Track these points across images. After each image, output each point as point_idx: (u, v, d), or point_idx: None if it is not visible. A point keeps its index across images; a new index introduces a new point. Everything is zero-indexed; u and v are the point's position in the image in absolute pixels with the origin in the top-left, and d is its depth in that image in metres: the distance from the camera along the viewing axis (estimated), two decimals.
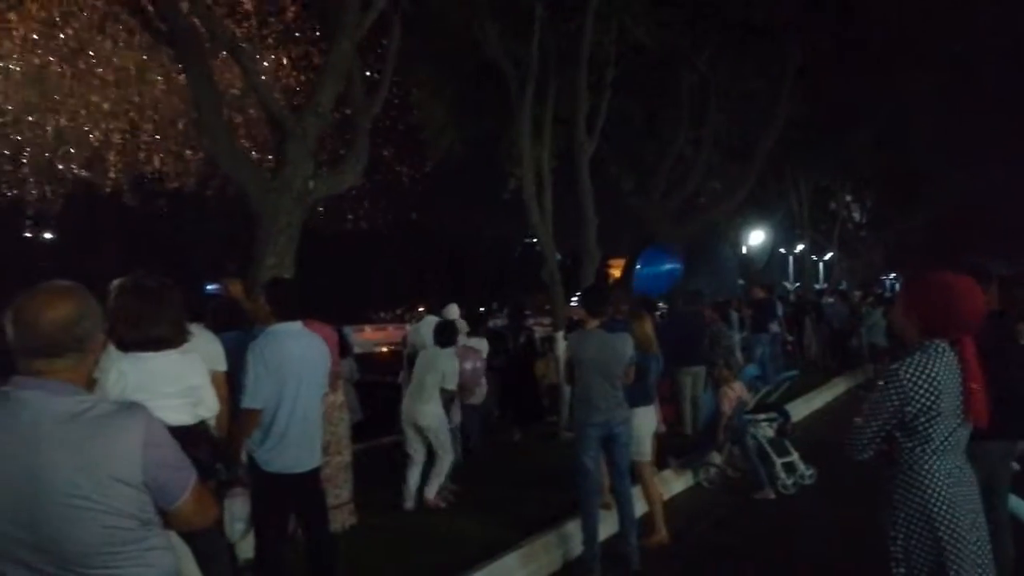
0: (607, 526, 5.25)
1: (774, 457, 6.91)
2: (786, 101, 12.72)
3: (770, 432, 7.08)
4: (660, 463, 6.61)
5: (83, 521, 1.66)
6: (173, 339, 2.69)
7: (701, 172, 13.13)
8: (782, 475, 6.83)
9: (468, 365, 6.62)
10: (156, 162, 10.35)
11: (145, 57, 9.14)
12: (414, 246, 40.53)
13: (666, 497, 6.36)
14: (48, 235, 28.18)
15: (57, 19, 8.61)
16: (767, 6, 11.13)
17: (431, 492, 6.11)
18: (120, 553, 1.71)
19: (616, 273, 16.50)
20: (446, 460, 6.18)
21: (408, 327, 10.56)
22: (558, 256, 10.23)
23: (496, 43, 9.26)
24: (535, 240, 10.54)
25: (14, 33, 8.46)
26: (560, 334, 9.09)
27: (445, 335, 6.41)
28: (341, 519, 5.38)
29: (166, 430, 1.84)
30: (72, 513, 1.65)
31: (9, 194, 10.54)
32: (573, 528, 5.27)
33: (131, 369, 2.60)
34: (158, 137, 10.06)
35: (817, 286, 26.94)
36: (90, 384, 1.84)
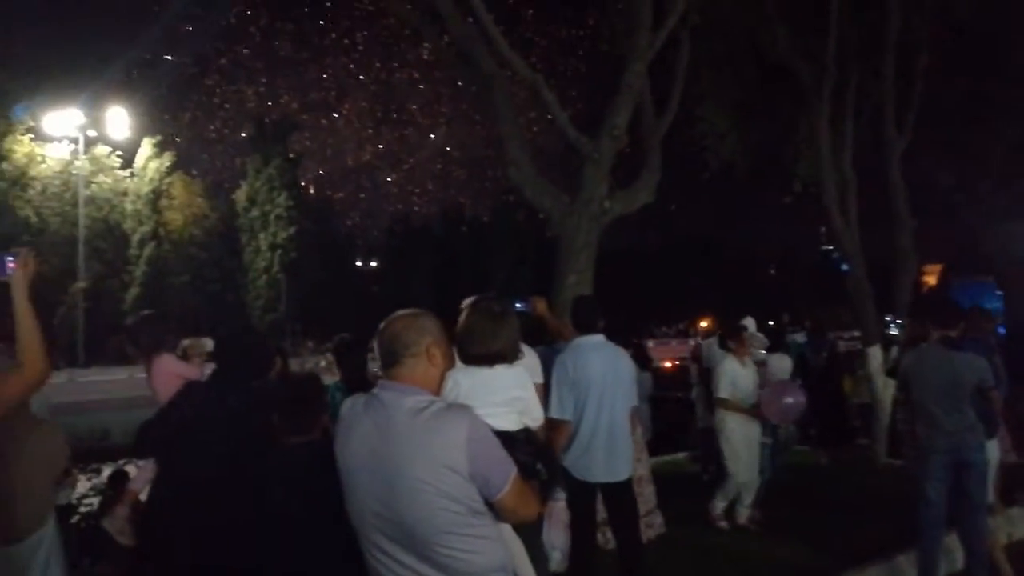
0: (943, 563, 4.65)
1: None
2: None
3: None
4: (1008, 498, 5.71)
5: (421, 502, 1.94)
6: (508, 355, 2.99)
7: None
8: None
9: (790, 399, 6.28)
10: (460, 198, 11.60)
11: (450, 113, 10.32)
12: (696, 259, 39.83)
13: (1015, 538, 5.52)
14: (373, 263, 32.89)
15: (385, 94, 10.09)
16: None
17: (714, 509, 5.99)
18: (452, 535, 1.96)
19: (930, 281, 14.62)
20: (729, 478, 5.94)
21: (693, 342, 10.40)
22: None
23: (787, 43, 8.77)
24: (831, 248, 9.74)
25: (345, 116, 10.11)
26: (873, 349, 8.28)
27: (722, 339, 6.41)
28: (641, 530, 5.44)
29: (489, 429, 2.08)
30: (415, 496, 1.94)
31: (346, 233, 12.58)
32: (904, 562, 4.80)
33: (464, 380, 2.94)
34: (462, 179, 11.29)
35: None
36: (437, 390, 2.16)
